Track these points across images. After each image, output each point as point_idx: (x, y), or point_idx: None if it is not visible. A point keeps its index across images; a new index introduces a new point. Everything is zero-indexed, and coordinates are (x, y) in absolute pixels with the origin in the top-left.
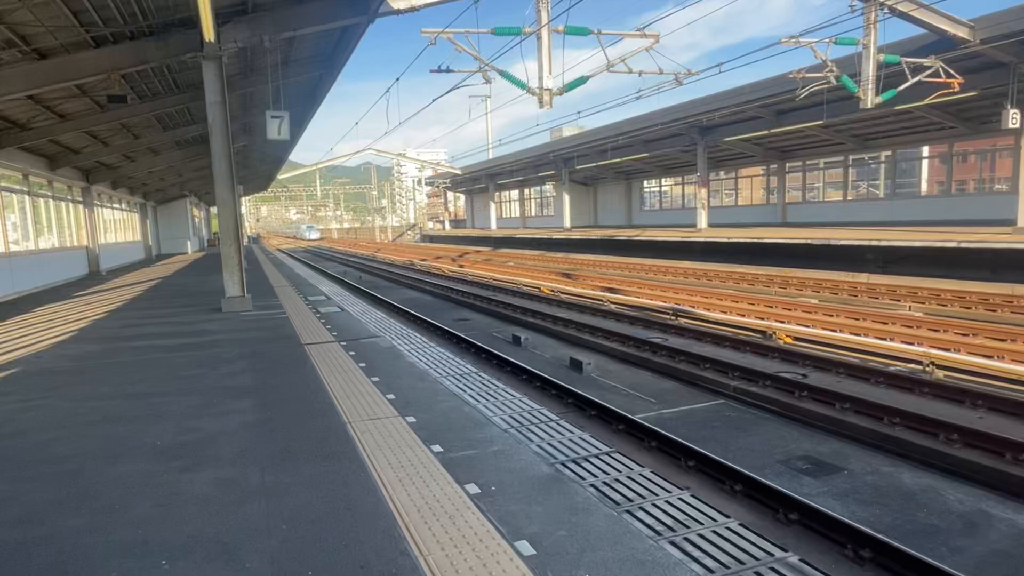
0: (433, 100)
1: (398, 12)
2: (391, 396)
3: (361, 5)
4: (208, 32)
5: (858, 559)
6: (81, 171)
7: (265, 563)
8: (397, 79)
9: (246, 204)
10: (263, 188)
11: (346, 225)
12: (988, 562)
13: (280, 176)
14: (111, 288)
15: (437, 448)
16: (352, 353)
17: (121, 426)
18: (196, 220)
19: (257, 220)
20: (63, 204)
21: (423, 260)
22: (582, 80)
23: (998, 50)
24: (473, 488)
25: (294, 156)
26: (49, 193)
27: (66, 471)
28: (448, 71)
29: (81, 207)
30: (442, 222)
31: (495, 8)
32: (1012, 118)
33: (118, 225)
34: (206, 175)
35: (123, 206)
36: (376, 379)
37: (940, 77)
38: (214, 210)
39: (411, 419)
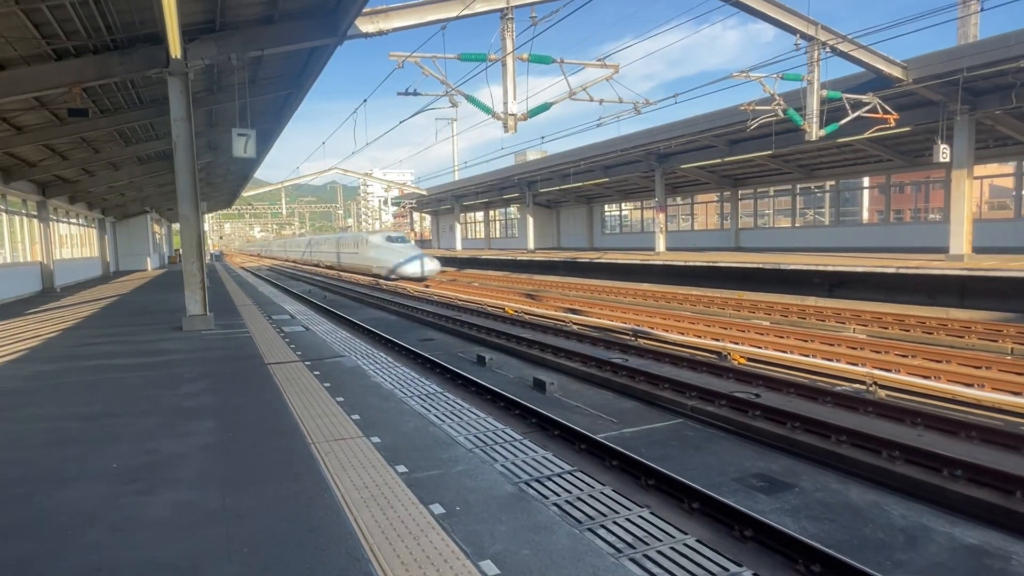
0: (400, 122)
1: (367, 35)
2: (356, 416)
3: (330, 27)
4: (175, 49)
5: (809, 573)
6: (37, 184)
7: None
8: (365, 100)
9: (209, 221)
10: (227, 205)
11: None
12: (929, 574)
13: (245, 193)
14: (66, 305)
15: (402, 468)
16: (317, 373)
17: (74, 448)
18: (157, 236)
19: (220, 237)
20: (16, 218)
21: (388, 280)
22: (545, 106)
23: (929, 89)
24: (438, 508)
25: (260, 174)
26: (2, 207)
27: (14, 496)
28: (415, 94)
29: (36, 221)
30: None
31: (462, 34)
32: (943, 153)
33: (75, 240)
34: (168, 191)
35: (81, 221)
36: (341, 399)
37: (878, 113)
38: (176, 226)
39: (376, 439)
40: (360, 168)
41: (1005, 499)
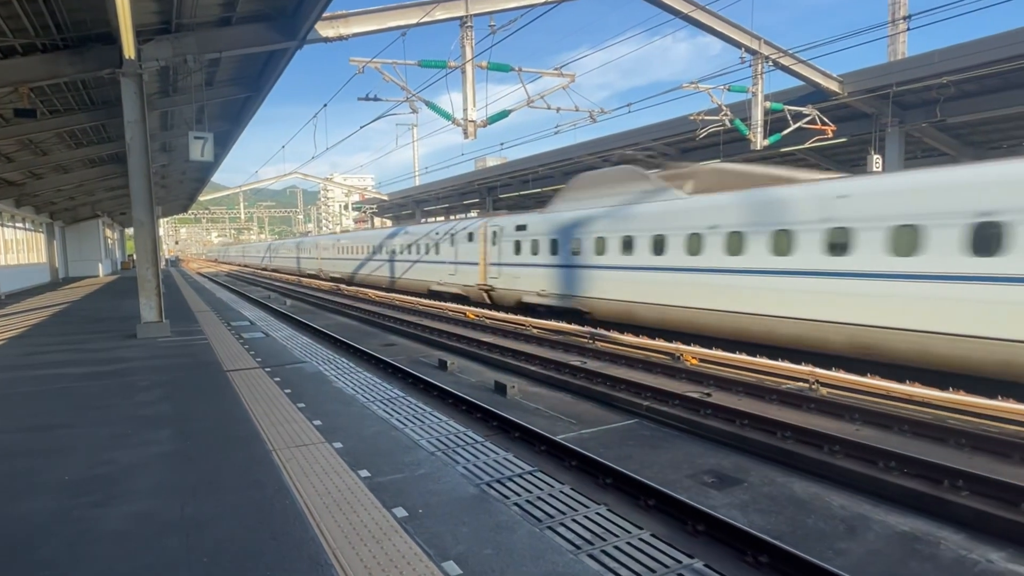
0: (361, 127)
1: (327, 40)
2: (318, 422)
3: (289, 31)
4: (128, 49)
5: (757, 564)
6: None
7: None
8: (325, 105)
9: (164, 225)
10: (183, 210)
11: None
12: (867, 561)
13: (202, 198)
14: (11, 313)
15: (365, 473)
16: (277, 379)
17: (23, 461)
18: (109, 242)
19: (176, 242)
20: None
21: (349, 285)
22: (504, 113)
23: (862, 103)
24: (401, 511)
25: (217, 178)
26: None
27: None
28: (376, 99)
29: None
30: None
31: (422, 41)
32: (875, 162)
33: (21, 245)
34: (121, 195)
35: (28, 226)
36: (302, 405)
37: (816, 124)
38: (130, 231)
39: (338, 444)
40: (320, 173)
41: (934, 488)
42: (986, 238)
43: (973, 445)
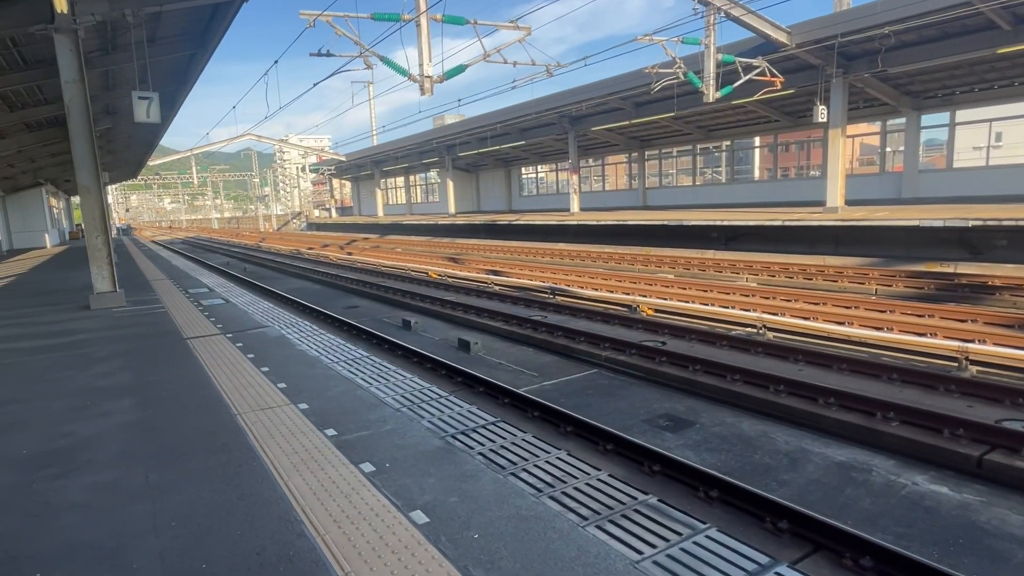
0: (314, 84)
1: None
2: (282, 385)
3: None
4: (60, 3)
5: (708, 498)
6: None
7: (154, 561)
8: (276, 62)
9: (113, 193)
10: (132, 175)
11: (227, 215)
12: (807, 490)
13: (151, 163)
14: None
15: (331, 432)
16: (239, 345)
17: None
18: (55, 211)
19: (127, 210)
20: None
21: (310, 249)
22: (461, 68)
23: (809, 54)
24: (368, 467)
25: (167, 141)
26: None
27: None
28: (328, 55)
29: None
30: (328, 210)
31: None
32: (821, 113)
33: None
34: (65, 161)
35: None
36: (266, 369)
37: (766, 76)
38: (76, 200)
39: (303, 406)
40: (275, 134)
41: (868, 420)
42: None
43: (904, 379)
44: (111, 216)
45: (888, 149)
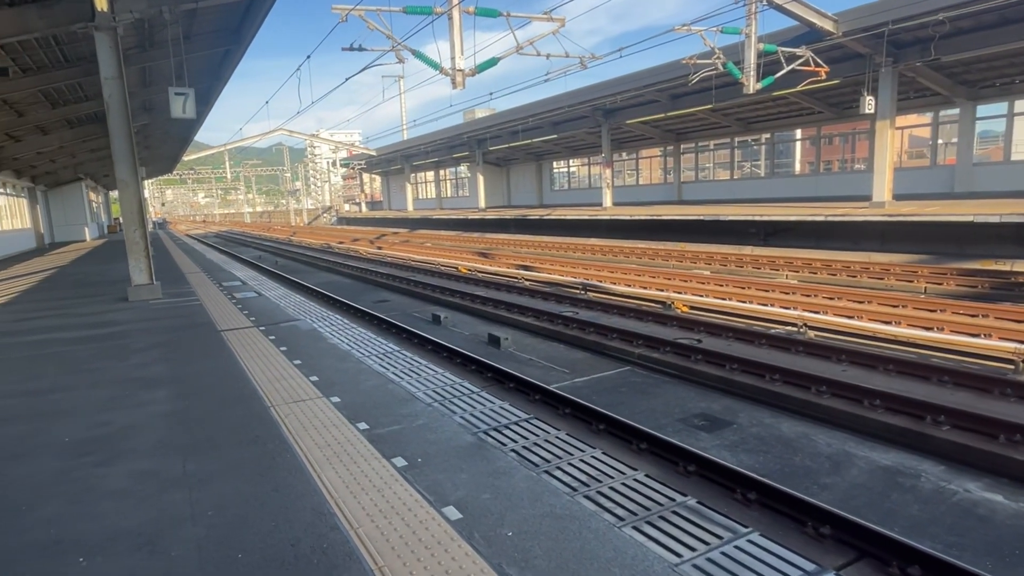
0: (346, 79)
1: None
2: (314, 378)
3: None
4: (100, 0)
5: (746, 500)
6: None
7: (191, 550)
8: (308, 57)
9: (150, 187)
10: (168, 170)
11: (258, 209)
12: (850, 494)
13: (186, 158)
14: None
15: (363, 425)
16: (272, 337)
17: (22, 425)
18: (94, 205)
19: (163, 204)
20: None
21: (340, 243)
22: (493, 61)
23: (857, 42)
24: (400, 461)
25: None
26: None
27: None
28: (360, 49)
29: None
30: (358, 204)
31: None
32: (868, 104)
33: (3, 212)
34: (103, 156)
35: (8, 190)
36: (298, 362)
37: (810, 66)
38: (114, 194)
39: (336, 399)
40: (306, 129)
41: (916, 423)
42: None
43: (955, 382)
44: (147, 210)
45: (940, 141)
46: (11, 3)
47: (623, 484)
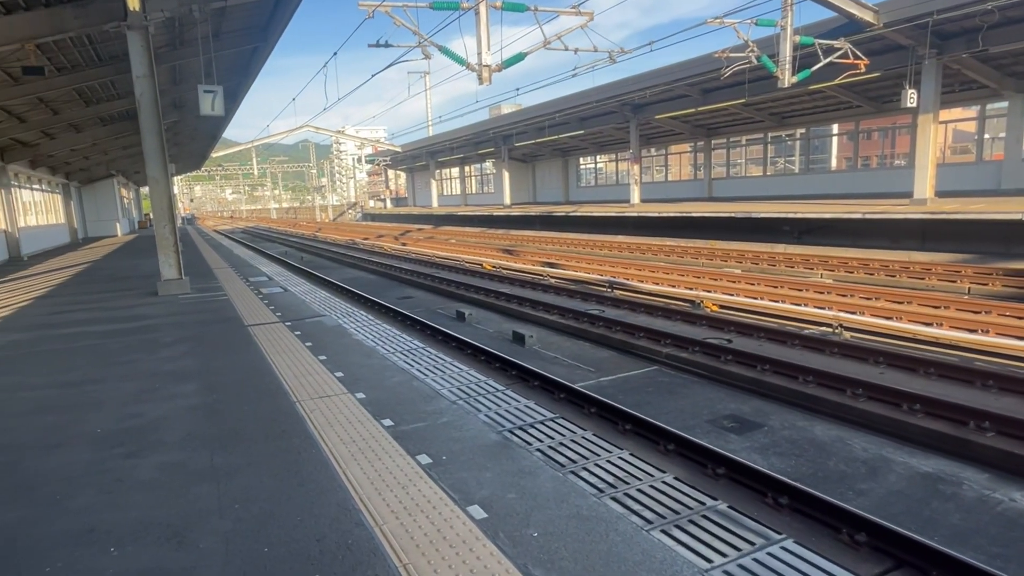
0: (372, 75)
1: None
2: (340, 374)
3: None
4: (132, 0)
5: (777, 505)
6: None
7: (219, 543)
8: (335, 53)
9: (178, 184)
10: (196, 167)
11: (285, 205)
12: (887, 501)
13: (214, 154)
14: (35, 274)
15: (388, 422)
16: (298, 333)
17: (56, 415)
18: (125, 201)
19: (191, 200)
20: None
21: (365, 239)
22: (520, 56)
23: (899, 33)
24: (425, 458)
25: (228, 133)
26: None
27: (0, 464)
28: (387, 46)
29: None
30: (383, 200)
31: None
32: (910, 98)
33: (39, 207)
34: (135, 153)
35: (44, 187)
36: (324, 357)
37: (848, 58)
38: (144, 190)
39: (361, 395)
40: (332, 125)
41: (958, 429)
42: None
43: (1001, 387)
44: (177, 206)
45: (986, 136)
46: (47, 3)
47: (651, 486)
